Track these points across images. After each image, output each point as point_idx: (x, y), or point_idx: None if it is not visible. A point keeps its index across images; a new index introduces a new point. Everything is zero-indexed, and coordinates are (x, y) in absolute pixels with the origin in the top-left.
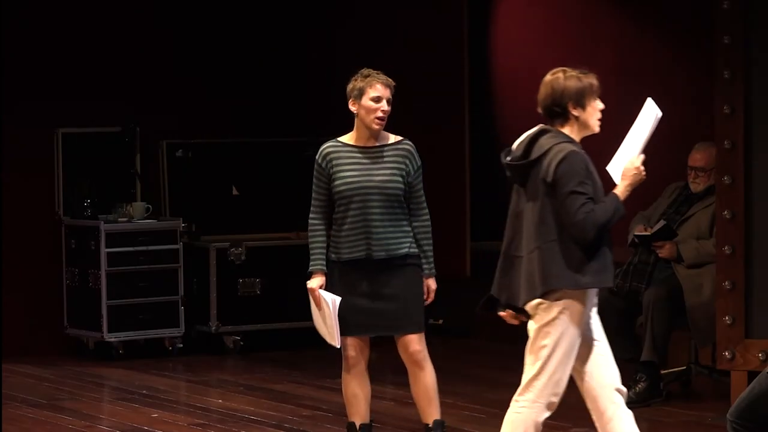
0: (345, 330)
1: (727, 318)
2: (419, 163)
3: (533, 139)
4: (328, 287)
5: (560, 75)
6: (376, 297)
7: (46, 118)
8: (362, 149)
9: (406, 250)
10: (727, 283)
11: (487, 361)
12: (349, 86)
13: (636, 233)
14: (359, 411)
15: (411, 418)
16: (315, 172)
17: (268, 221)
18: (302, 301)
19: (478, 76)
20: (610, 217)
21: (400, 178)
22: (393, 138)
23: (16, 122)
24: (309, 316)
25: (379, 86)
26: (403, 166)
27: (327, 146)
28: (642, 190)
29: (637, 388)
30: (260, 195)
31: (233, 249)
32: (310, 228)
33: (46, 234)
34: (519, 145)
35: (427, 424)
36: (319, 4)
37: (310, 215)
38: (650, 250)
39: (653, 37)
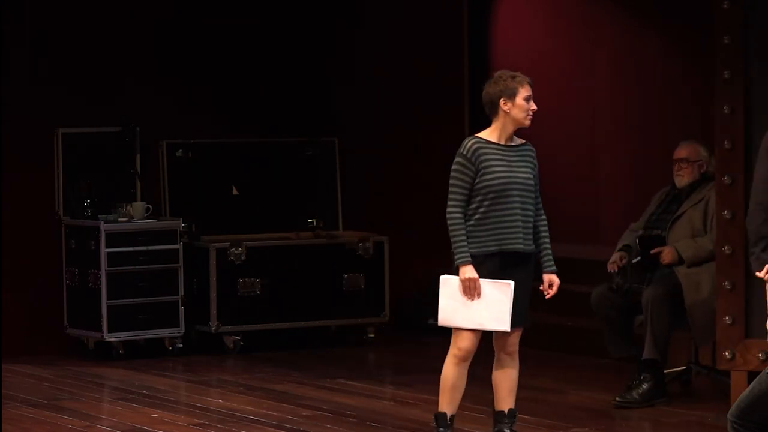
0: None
1: (727, 318)
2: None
3: None
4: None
5: None
6: None
7: (46, 118)
8: (504, 147)
9: (533, 246)
10: (727, 283)
11: (487, 362)
12: (498, 86)
13: (631, 261)
14: (453, 402)
15: (411, 417)
16: (458, 166)
17: (268, 221)
18: (302, 301)
19: (478, 76)
20: None
21: (533, 178)
22: (519, 140)
23: (16, 122)
24: (308, 316)
25: (528, 87)
26: (532, 167)
27: (472, 141)
28: (641, 190)
29: (641, 389)
30: (260, 195)
31: (233, 249)
32: (453, 221)
33: (46, 234)
34: None
35: (502, 411)
36: (319, 5)
37: (451, 208)
38: (649, 252)
39: (653, 37)
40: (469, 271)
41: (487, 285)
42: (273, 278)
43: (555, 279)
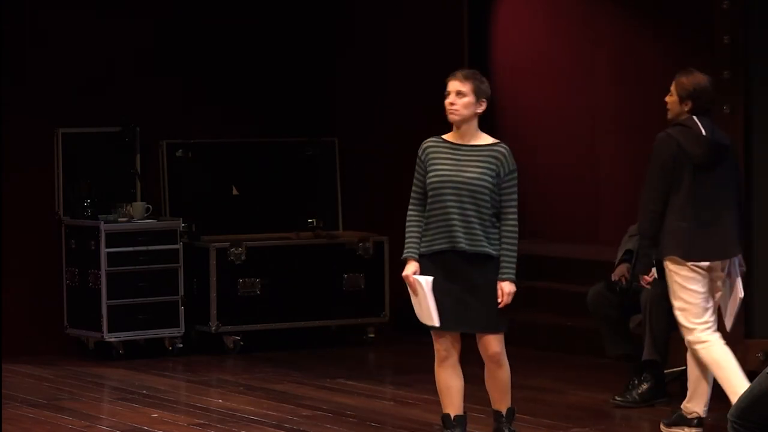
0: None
1: None
2: (513, 167)
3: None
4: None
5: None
6: (462, 291)
7: (46, 118)
8: (456, 146)
9: (490, 250)
10: None
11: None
12: None
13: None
14: (453, 402)
15: (411, 417)
16: (416, 165)
17: (268, 221)
18: (302, 301)
19: None
20: None
21: (489, 178)
22: (490, 140)
23: (16, 122)
24: (308, 316)
25: (453, 81)
26: (493, 167)
27: (428, 141)
28: (641, 190)
29: (641, 389)
30: (260, 195)
31: (233, 249)
32: (407, 218)
33: (46, 234)
34: (708, 132)
35: (499, 411)
36: (319, 4)
37: (409, 206)
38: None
39: (653, 37)
40: (406, 268)
41: (416, 281)
42: (273, 278)
43: (506, 287)
